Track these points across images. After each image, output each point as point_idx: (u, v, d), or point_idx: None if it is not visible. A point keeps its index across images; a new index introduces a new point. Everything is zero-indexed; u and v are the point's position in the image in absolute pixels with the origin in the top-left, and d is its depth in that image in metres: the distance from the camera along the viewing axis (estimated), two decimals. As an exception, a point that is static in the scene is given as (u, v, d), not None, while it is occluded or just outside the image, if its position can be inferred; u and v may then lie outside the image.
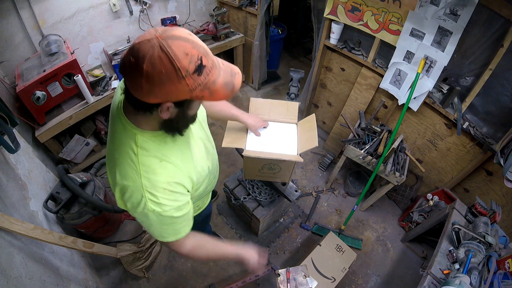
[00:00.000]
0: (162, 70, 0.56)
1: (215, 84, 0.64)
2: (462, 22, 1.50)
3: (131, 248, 1.96)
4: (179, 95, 0.62)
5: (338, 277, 1.75)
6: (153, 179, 0.74)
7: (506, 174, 1.45)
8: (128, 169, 0.74)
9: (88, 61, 2.49)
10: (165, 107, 0.64)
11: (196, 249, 0.95)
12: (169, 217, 0.79)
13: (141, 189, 0.73)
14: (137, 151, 0.74)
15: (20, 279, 1.09)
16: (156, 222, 0.79)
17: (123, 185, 0.75)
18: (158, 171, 0.75)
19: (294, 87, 2.06)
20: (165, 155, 0.78)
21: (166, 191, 0.76)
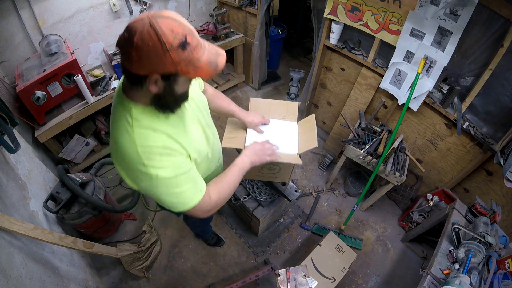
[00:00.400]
0: (149, 43, 0.63)
1: (199, 61, 0.69)
2: (462, 22, 1.50)
3: (131, 248, 1.96)
4: (164, 68, 0.68)
5: (338, 277, 1.75)
6: (147, 145, 0.78)
7: (506, 174, 1.45)
8: (126, 143, 0.78)
9: (88, 61, 2.49)
10: (152, 79, 0.70)
11: (220, 191, 0.99)
12: (175, 177, 0.82)
13: (139, 158, 0.77)
14: (132, 122, 0.78)
15: (20, 279, 1.09)
16: (167, 187, 0.82)
17: (122, 162, 0.81)
18: (151, 138, 0.79)
19: (294, 87, 2.06)
20: (159, 127, 0.82)
21: (162, 155, 0.80)
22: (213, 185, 1.00)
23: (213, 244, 2.13)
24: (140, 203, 2.38)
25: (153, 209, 2.35)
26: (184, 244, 2.15)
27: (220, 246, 2.14)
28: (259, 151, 1.18)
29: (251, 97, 1.60)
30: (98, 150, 2.54)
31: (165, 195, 0.84)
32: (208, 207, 0.94)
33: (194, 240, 2.16)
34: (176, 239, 2.17)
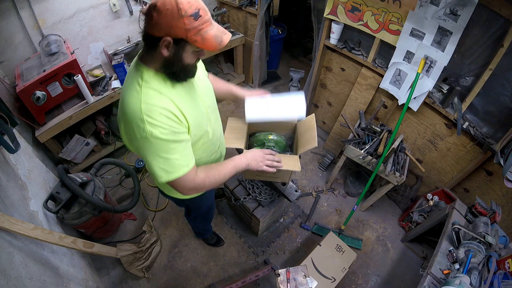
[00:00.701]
0: (168, 7, 0.74)
1: (207, 33, 0.80)
2: (462, 22, 1.50)
3: (131, 248, 1.96)
4: (176, 32, 0.78)
5: (338, 277, 1.75)
6: (151, 103, 0.85)
7: (506, 174, 1.45)
8: (132, 99, 0.86)
9: (88, 61, 2.49)
10: (166, 41, 0.79)
11: (208, 175, 1.04)
12: (169, 141, 0.87)
13: (140, 113, 0.83)
14: (141, 83, 0.86)
15: (20, 279, 1.09)
16: (156, 148, 0.87)
17: (125, 117, 0.87)
18: (156, 98, 0.86)
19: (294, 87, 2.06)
20: (165, 92, 0.89)
21: (162, 115, 0.85)
22: (203, 168, 1.05)
23: (213, 244, 2.13)
24: (140, 203, 2.38)
25: (153, 209, 2.35)
26: (184, 244, 2.15)
27: (220, 246, 2.14)
28: (259, 157, 1.23)
29: None
30: (98, 150, 2.54)
31: (153, 156, 0.89)
32: (191, 185, 0.98)
33: (194, 240, 2.16)
34: (176, 239, 2.17)
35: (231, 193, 1.97)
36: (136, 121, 0.84)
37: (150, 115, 0.83)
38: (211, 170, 1.07)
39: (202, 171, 1.03)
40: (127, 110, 0.86)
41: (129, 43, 2.47)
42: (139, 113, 0.83)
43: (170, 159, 0.90)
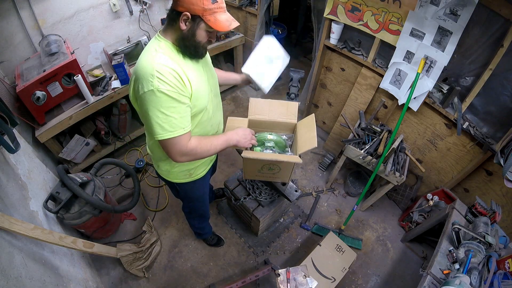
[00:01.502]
0: None
1: (220, 16, 0.96)
2: (462, 22, 1.50)
3: (131, 248, 1.96)
4: (195, 9, 0.92)
5: (338, 277, 1.75)
6: (163, 63, 0.96)
7: (506, 174, 1.45)
8: (147, 59, 0.97)
9: (88, 61, 2.49)
10: (185, 16, 0.94)
11: (201, 143, 1.12)
12: (172, 98, 0.96)
13: (152, 69, 0.94)
14: (158, 49, 0.99)
15: (20, 279, 1.09)
16: (159, 103, 0.95)
17: (136, 72, 0.97)
18: (168, 61, 0.98)
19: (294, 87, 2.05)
20: (177, 60, 1.01)
21: (170, 75, 0.95)
22: (197, 136, 1.14)
23: (214, 244, 2.13)
24: (140, 203, 2.38)
25: (153, 209, 2.35)
26: (184, 244, 2.15)
27: (220, 246, 2.14)
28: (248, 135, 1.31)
29: (251, 97, 1.60)
30: (98, 150, 2.54)
31: (154, 111, 0.96)
32: (183, 149, 1.06)
33: (194, 240, 2.16)
34: (176, 239, 2.17)
35: (231, 193, 1.97)
36: (146, 76, 0.93)
37: (160, 71, 0.93)
38: (203, 139, 1.15)
39: (195, 139, 1.11)
40: (140, 66, 0.96)
41: (129, 43, 2.46)
42: (150, 69, 0.94)
43: (169, 116, 0.97)
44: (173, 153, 1.06)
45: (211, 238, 2.11)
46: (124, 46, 2.44)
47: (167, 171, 1.34)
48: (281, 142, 1.51)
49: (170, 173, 1.35)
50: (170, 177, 1.38)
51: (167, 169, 1.33)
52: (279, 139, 1.51)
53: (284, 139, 1.54)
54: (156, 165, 1.37)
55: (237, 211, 2.19)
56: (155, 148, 1.26)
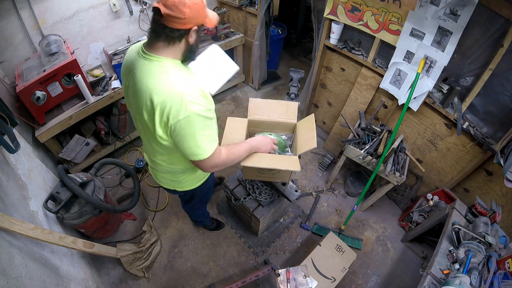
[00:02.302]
0: (197, 2, 0.88)
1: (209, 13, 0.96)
2: (462, 22, 1.50)
3: (131, 248, 1.96)
4: (202, 19, 0.92)
5: (338, 277, 1.75)
6: (188, 84, 0.93)
7: (506, 174, 1.45)
8: (164, 86, 0.91)
9: (88, 61, 2.49)
10: (194, 30, 0.92)
11: (229, 153, 1.15)
12: (205, 117, 0.96)
13: (179, 94, 0.90)
14: (168, 70, 0.94)
15: (20, 279, 1.09)
16: (197, 125, 0.94)
17: (162, 101, 0.91)
18: (189, 79, 0.96)
19: (294, 87, 2.06)
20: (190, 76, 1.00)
21: (198, 94, 0.94)
22: (225, 146, 1.17)
23: (215, 229, 2.17)
24: (140, 203, 2.38)
25: (153, 209, 2.35)
26: (184, 244, 2.15)
27: (221, 229, 2.18)
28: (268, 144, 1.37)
29: (250, 97, 1.61)
30: (98, 150, 2.54)
31: (193, 135, 0.96)
32: (216, 161, 1.07)
33: (194, 240, 2.16)
34: (176, 239, 2.17)
35: (231, 193, 1.97)
36: (175, 102, 0.90)
37: (188, 94, 0.91)
38: (231, 149, 1.19)
39: (224, 150, 1.14)
40: (164, 93, 0.90)
41: (129, 43, 2.46)
42: (179, 94, 0.90)
43: (207, 135, 0.99)
44: (207, 168, 1.08)
45: (211, 223, 2.14)
46: (124, 46, 2.44)
47: (192, 179, 1.34)
48: (281, 142, 1.51)
49: (194, 180, 1.36)
50: (194, 184, 1.37)
51: (192, 178, 1.33)
52: (279, 139, 1.51)
53: (284, 139, 1.54)
54: (177, 183, 1.33)
55: (237, 211, 2.19)
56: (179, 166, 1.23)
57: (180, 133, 0.95)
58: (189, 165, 1.22)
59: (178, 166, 1.24)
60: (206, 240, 2.17)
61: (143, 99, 0.95)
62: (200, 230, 2.22)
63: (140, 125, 1.11)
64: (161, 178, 1.36)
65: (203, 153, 1.01)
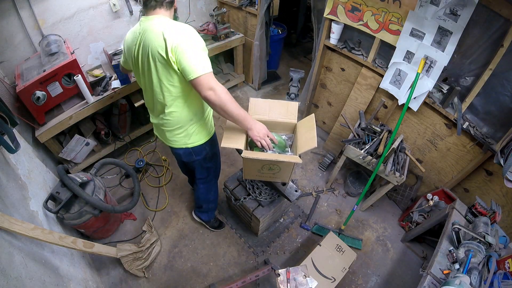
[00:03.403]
0: None
1: None
2: (462, 22, 1.50)
3: (131, 248, 1.96)
4: None
5: (338, 277, 1.75)
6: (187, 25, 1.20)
7: (506, 174, 1.45)
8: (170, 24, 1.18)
9: (88, 61, 2.49)
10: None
11: (226, 93, 1.22)
12: (204, 46, 1.20)
13: (186, 25, 1.19)
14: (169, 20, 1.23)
15: (20, 279, 1.09)
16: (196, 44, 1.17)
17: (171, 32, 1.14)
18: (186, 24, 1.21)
19: (294, 87, 2.06)
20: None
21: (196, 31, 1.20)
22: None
23: (217, 227, 2.19)
24: (140, 203, 2.38)
25: (153, 209, 2.35)
26: (184, 244, 2.15)
27: (222, 229, 2.21)
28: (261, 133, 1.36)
29: (251, 97, 1.60)
30: (98, 150, 2.54)
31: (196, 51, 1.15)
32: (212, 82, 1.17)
33: (194, 240, 2.16)
34: (176, 239, 2.17)
35: (231, 193, 1.97)
36: (185, 29, 1.17)
37: (188, 27, 1.18)
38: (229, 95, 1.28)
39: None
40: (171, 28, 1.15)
41: (129, 43, 2.46)
42: (185, 26, 1.18)
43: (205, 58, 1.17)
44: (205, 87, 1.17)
45: (214, 221, 2.17)
46: (124, 46, 2.43)
47: (200, 131, 1.48)
48: (281, 142, 1.52)
49: (202, 132, 1.50)
50: (203, 139, 1.52)
51: (200, 128, 1.47)
52: (279, 139, 1.51)
53: (284, 139, 1.54)
54: (187, 136, 1.47)
55: (237, 211, 2.19)
56: (186, 110, 1.38)
57: (183, 50, 1.13)
58: (196, 108, 1.40)
59: (186, 113, 1.38)
60: (206, 240, 2.17)
61: (155, 43, 1.15)
62: (201, 230, 2.22)
63: (148, 83, 1.32)
64: (172, 136, 1.48)
65: (201, 68, 1.14)
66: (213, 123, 1.62)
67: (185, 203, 2.40)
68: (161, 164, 2.69)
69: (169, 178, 2.57)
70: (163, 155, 2.75)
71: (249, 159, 1.37)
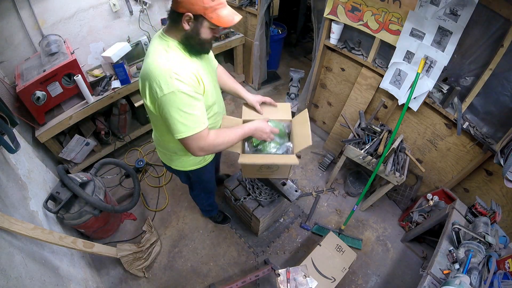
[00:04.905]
0: None
1: (222, 12, 0.98)
2: (462, 22, 1.50)
3: (131, 248, 1.96)
4: (196, 9, 0.94)
5: (338, 277, 1.75)
6: (179, 65, 1.01)
7: (506, 174, 1.45)
8: (161, 61, 1.00)
9: (88, 61, 2.49)
10: (187, 16, 0.96)
11: (218, 135, 1.15)
12: (191, 97, 1.01)
13: (170, 71, 0.97)
14: (168, 49, 1.03)
15: (20, 279, 1.09)
16: (181, 102, 0.99)
17: (155, 76, 0.98)
18: (182, 61, 1.04)
19: (294, 87, 2.06)
20: (189, 59, 1.07)
21: (187, 75, 1.00)
22: (215, 130, 1.18)
23: (221, 222, 2.21)
24: (140, 203, 2.38)
25: (153, 209, 2.35)
26: (184, 244, 2.15)
27: (227, 223, 2.22)
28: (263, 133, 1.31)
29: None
30: (98, 150, 2.54)
31: (176, 111, 1.00)
32: (203, 143, 1.09)
33: (194, 240, 2.16)
34: (176, 239, 2.17)
35: (231, 193, 1.97)
36: (165, 78, 0.97)
37: (178, 72, 0.98)
38: (222, 132, 1.19)
39: (214, 131, 1.15)
40: (156, 69, 0.98)
41: (129, 43, 2.46)
42: (168, 71, 0.97)
43: (191, 114, 1.02)
44: (194, 149, 1.10)
45: (217, 216, 2.19)
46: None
47: (183, 161, 1.40)
48: (281, 130, 1.45)
49: (186, 163, 1.42)
50: (186, 167, 1.44)
51: (183, 160, 1.39)
52: (279, 127, 1.44)
53: (284, 126, 1.49)
54: (169, 159, 1.43)
55: (237, 211, 2.19)
56: (170, 144, 1.30)
57: (166, 107, 1.01)
58: (180, 146, 1.23)
59: (169, 144, 1.31)
60: (206, 240, 2.17)
61: (143, 72, 1.05)
62: (201, 230, 2.22)
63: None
64: (158, 151, 1.47)
65: (186, 131, 1.03)
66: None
67: (185, 203, 2.40)
68: (161, 164, 2.69)
69: (169, 178, 2.57)
70: (163, 155, 2.75)
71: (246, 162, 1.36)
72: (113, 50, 2.19)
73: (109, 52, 2.17)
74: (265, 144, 1.39)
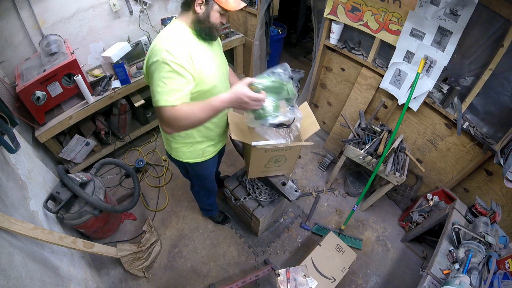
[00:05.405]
0: None
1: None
2: (462, 22, 1.50)
3: (131, 248, 1.96)
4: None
5: (338, 277, 1.75)
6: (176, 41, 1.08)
7: (506, 174, 1.45)
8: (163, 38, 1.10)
9: (88, 61, 2.49)
10: (199, 0, 1.08)
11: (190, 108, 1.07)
12: (174, 70, 1.03)
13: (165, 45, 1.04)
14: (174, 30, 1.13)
15: (20, 279, 1.09)
16: (162, 72, 1.02)
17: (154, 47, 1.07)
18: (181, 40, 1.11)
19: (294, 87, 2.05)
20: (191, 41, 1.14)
21: (179, 51, 1.04)
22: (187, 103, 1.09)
23: (221, 222, 2.22)
24: (140, 203, 2.38)
25: (153, 209, 2.35)
26: (184, 244, 2.15)
27: (227, 223, 2.23)
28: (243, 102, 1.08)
29: None
30: (98, 150, 2.54)
31: (156, 79, 1.04)
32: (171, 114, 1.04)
33: (194, 240, 2.16)
34: (176, 239, 2.17)
35: (231, 193, 1.97)
36: (159, 50, 1.03)
37: (169, 46, 1.03)
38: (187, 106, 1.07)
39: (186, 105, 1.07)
40: (156, 43, 1.07)
41: (129, 43, 2.46)
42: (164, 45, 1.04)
43: (167, 85, 1.03)
44: (164, 119, 1.05)
45: (217, 216, 2.20)
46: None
47: (180, 152, 1.42)
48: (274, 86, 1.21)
49: (183, 154, 1.44)
50: (183, 158, 1.46)
51: (181, 150, 1.42)
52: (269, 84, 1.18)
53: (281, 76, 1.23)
54: (169, 147, 1.45)
55: (237, 211, 2.19)
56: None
57: (151, 75, 1.07)
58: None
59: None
60: (206, 240, 2.18)
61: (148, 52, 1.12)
62: (200, 230, 2.22)
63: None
64: (162, 138, 1.51)
65: (159, 99, 1.02)
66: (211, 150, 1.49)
67: (185, 203, 2.40)
68: (161, 164, 2.69)
69: (169, 178, 2.57)
70: (163, 155, 2.75)
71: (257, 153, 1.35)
72: (113, 50, 2.19)
73: (109, 52, 2.17)
74: (259, 113, 1.16)
